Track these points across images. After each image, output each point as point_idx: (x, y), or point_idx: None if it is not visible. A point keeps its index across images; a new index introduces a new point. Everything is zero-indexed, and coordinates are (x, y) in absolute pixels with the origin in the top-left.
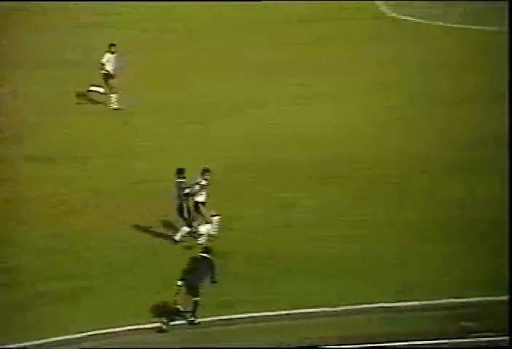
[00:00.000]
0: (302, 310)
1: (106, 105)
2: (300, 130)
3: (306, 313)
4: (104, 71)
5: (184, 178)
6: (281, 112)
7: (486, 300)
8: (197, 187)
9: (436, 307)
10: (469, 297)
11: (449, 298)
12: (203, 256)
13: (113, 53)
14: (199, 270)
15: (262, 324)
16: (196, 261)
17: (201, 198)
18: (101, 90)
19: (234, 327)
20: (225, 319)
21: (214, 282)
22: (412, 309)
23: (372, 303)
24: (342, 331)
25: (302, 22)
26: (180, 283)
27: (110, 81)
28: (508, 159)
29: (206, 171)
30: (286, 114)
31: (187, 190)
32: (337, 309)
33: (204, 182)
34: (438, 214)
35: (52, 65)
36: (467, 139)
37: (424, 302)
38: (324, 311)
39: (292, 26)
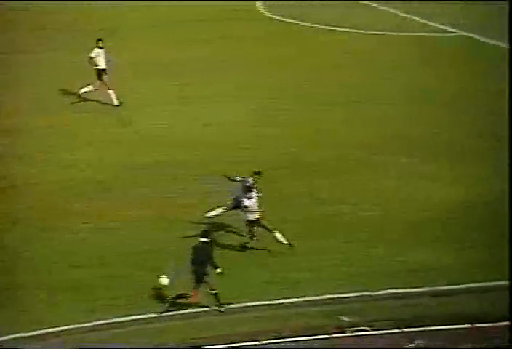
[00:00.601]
0: (186, 311)
1: (102, 102)
2: (180, 130)
3: (189, 313)
4: (96, 67)
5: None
6: (163, 112)
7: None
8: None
9: (315, 303)
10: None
11: (327, 294)
12: (202, 241)
13: (101, 48)
14: (200, 257)
15: (143, 326)
16: (196, 249)
17: (251, 217)
18: (91, 87)
19: (115, 331)
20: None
21: (216, 267)
22: (297, 305)
23: (257, 301)
24: (228, 330)
25: (192, 22)
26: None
27: (104, 76)
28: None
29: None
30: (168, 114)
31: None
32: (223, 308)
33: (247, 203)
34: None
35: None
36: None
37: (304, 298)
38: (205, 311)
39: (185, 26)
